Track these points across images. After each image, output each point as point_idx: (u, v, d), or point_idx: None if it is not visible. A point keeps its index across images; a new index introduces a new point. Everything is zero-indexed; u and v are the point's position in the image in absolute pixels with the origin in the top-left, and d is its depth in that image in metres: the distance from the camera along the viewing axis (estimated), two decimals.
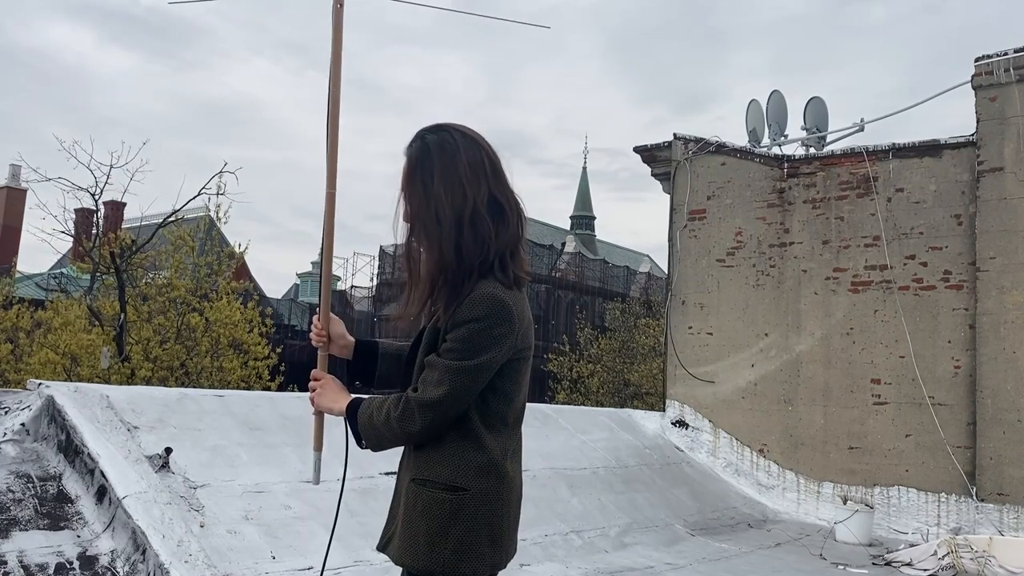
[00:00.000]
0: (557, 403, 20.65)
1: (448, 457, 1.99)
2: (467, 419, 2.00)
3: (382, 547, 2.13)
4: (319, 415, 2.32)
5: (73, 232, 17.33)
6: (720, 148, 10.74)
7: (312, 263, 51.36)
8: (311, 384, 2.26)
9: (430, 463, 2.01)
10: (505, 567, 2.07)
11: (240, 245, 17.27)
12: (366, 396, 2.17)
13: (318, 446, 2.39)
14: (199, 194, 14.65)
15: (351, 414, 2.11)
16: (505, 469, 2.04)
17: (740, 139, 11.06)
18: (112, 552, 4.33)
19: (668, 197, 11.25)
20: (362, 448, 2.13)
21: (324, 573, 4.68)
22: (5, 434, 5.05)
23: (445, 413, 1.97)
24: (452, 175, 2.01)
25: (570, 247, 35.38)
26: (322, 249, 2.39)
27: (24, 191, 30.74)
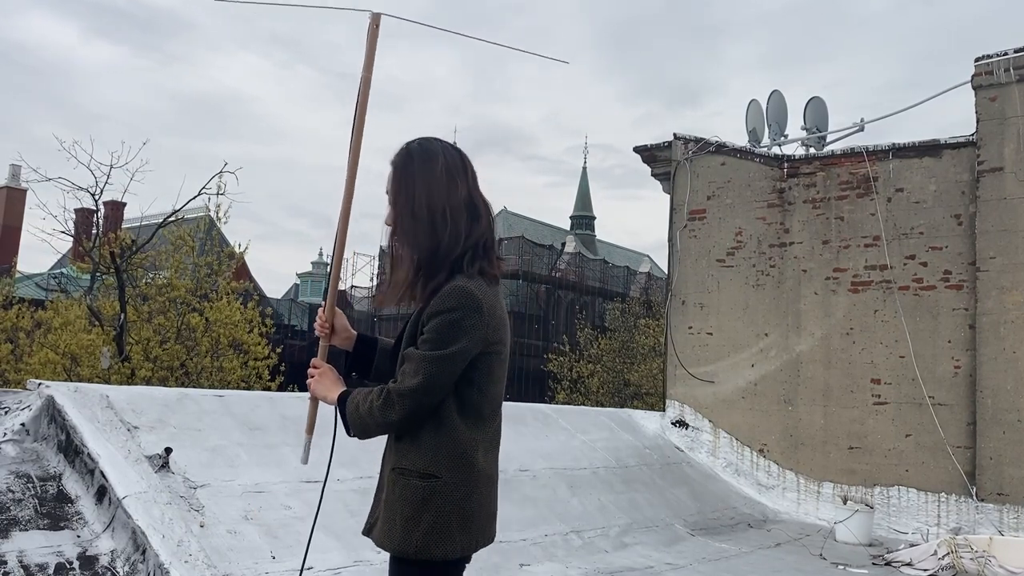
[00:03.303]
0: (557, 403, 20.64)
1: (424, 447, 2.13)
2: (444, 411, 2.13)
3: (366, 532, 2.28)
4: (314, 401, 2.45)
5: (73, 232, 17.31)
6: (720, 148, 10.74)
7: (312, 263, 51.35)
8: (310, 371, 2.40)
9: (408, 453, 2.15)
10: (476, 551, 2.20)
11: (240, 245, 17.29)
12: (357, 387, 2.30)
13: (309, 429, 2.52)
14: (199, 194, 14.65)
15: (341, 404, 2.25)
16: (475, 459, 2.16)
17: (737, 135, 11.08)
18: (112, 552, 4.33)
19: (665, 195, 11.26)
20: (350, 436, 2.25)
21: (325, 572, 4.68)
22: (5, 434, 5.05)
23: (421, 401, 2.10)
24: (430, 176, 2.20)
25: (570, 247, 35.36)
26: (333, 248, 2.46)
27: (24, 191, 30.72)
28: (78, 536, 4.39)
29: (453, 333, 2.09)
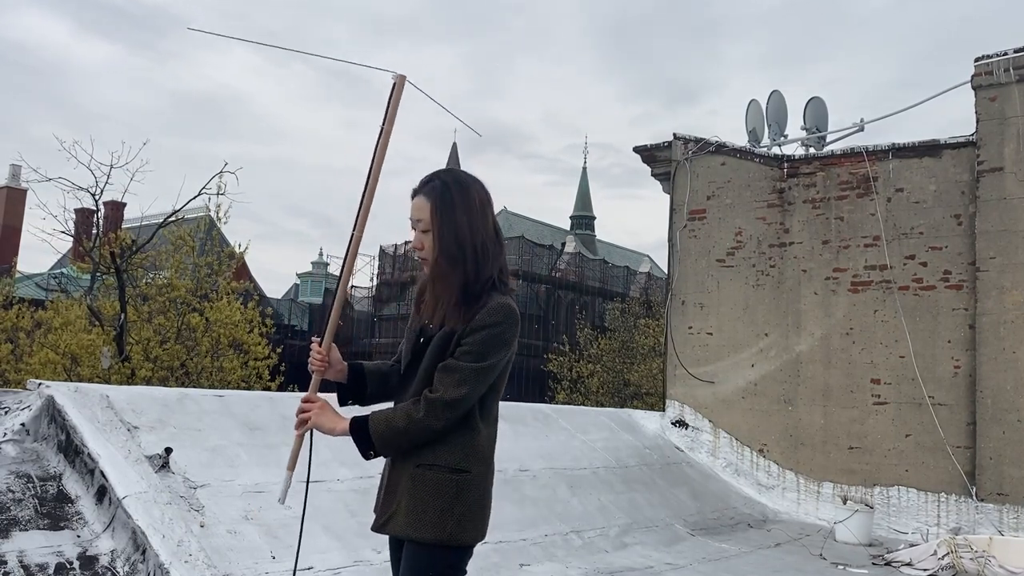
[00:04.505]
0: (557, 403, 20.64)
1: (453, 445, 2.31)
2: (470, 412, 2.33)
3: (379, 527, 2.40)
4: (300, 437, 2.48)
5: (73, 232, 17.30)
6: (720, 148, 10.74)
7: (312, 263, 51.33)
8: (304, 406, 2.45)
9: (436, 451, 2.31)
10: (485, 538, 2.40)
11: (240, 245, 17.28)
12: (368, 412, 2.37)
13: (292, 466, 2.51)
14: (199, 194, 14.65)
15: (359, 428, 2.33)
16: (492, 456, 2.42)
17: (736, 134, 11.08)
18: (112, 552, 4.33)
19: (664, 195, 11.27)
20: (369, 458, 2.36)
21: (325, 572, 4.68)
22: (5, 434, 5.06)
23: (463, 409, 2.30)
24: (470, 207, 2.38)
25: (570, 247, 35.35)
26: (336, 291, 2.56)
27: (24, 191, 30.75)
28: (78, 536, 4.39)
29: (495, 346, 2.30)
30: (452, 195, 2.38)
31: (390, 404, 2.47)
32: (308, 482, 2.52)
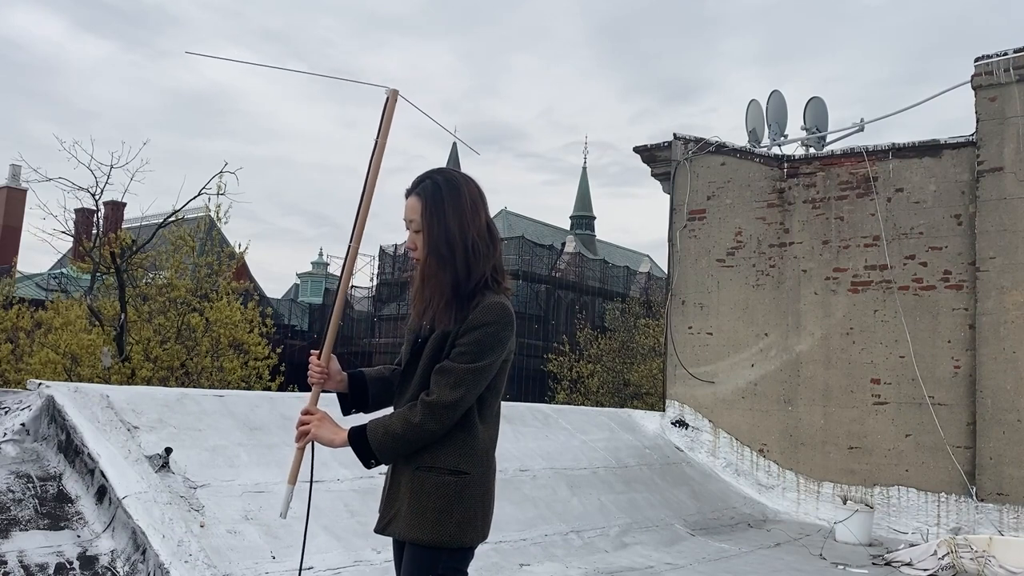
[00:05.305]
0: (557, 403, 20.63)
1: (452, 447, 2.31)
2: (469, 414, 2.32)
3: (381, 529, 2.40)
4: (301, 450, 2.47)
5: (73, 232, 17.31)
6: (720, 148, 10.75)
7: (312, 263, 51.34)
8: (304, 418, 2.44)
9: (435, 453, 2.31)
10: (486, 538, 2.39)
11: (240, 245, 17.28)
12: (366, 422, 2.37)
13: (292, 480, 2.50)
14: (199, 194, 14.66)
15: (359, 437, 2.33)
16: (493, 456, 2.41)
17: (734, 131, 11.20)
18: (112, 552, 4.33)
19: (662, 194, 11.29)
20: (370, 467, 2.35)
21: (325, 572, 4.68)
22: (5, 434, 5.06)
23: (461, 411, 2.29)
24: (460, 206, 2.37)
25: (570, 247, 35.35)
26: (334, 302, 2.58)
27: (24, 191, 30.77)
28: (78, 536, 4.39)
29: (490, 345, 2.29)
30: (443, 195, 2.38)
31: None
32: (311, 482, 2.53)
